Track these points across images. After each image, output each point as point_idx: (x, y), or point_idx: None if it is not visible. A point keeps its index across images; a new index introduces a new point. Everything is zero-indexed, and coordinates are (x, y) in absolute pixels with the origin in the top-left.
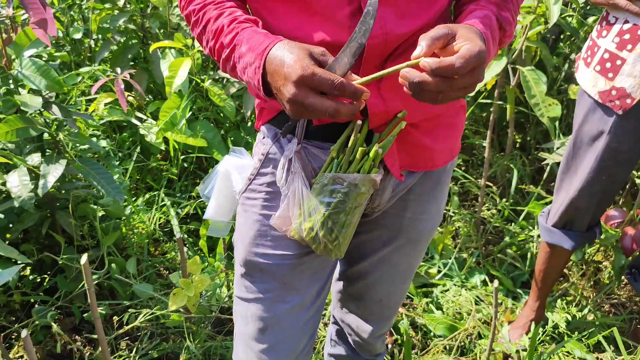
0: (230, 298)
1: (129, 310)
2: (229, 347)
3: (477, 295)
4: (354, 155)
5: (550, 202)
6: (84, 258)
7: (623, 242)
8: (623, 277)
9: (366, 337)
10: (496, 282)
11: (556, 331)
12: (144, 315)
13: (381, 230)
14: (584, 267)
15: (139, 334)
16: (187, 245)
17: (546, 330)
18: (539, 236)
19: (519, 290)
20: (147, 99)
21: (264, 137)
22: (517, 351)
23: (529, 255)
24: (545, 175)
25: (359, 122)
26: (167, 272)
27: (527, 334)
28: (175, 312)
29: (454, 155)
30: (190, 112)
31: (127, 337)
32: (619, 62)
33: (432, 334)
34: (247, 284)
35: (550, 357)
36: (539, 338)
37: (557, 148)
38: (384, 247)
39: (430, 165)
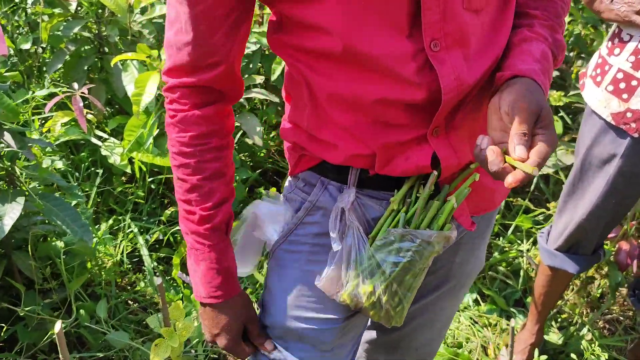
0: None
1: None
2: None
3: (470, 317)
4: (427, 209)
5: (539, 214)
6: (57, 326)
7: (618, 258)
8: (617, 293)
9: None
10: (512, 322)
11: (554, 350)
12: None
13: (430, 276)
14: (577, 283)
15: None
16: (158, 276)
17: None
18: (528, 250)
19: (512, 310)
20: (106, 112)
21: (305, 185)
22: None
23: (521, 272)
24: (532, 187)
25: (435, 172)
26: (139, 307)
27: (527, 358)
28: None
29: (508, 191)
30: (158, 129)
31: None
32: (634, 82)
33: None
34: (277, 350)
35: None
36: None
37: None
38: (431, 293)
39: (491, 206)
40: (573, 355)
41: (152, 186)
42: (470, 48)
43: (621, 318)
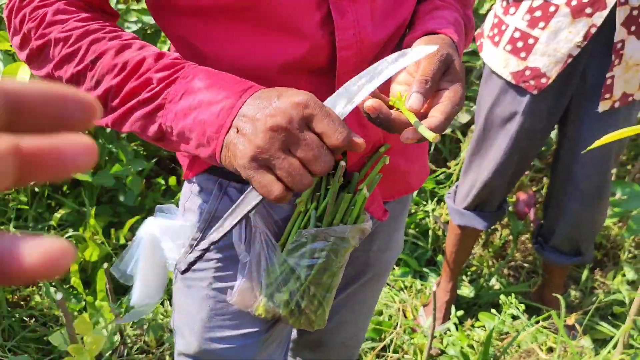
0: (133, 349)
1: None
2: None
3: (387, 282)
4: (340, 204)
5: (441, 175)
6: None
7: (517, 207)
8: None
9: None
10: (434, 287)
11: (467, 304)
12: None
13: (347, 269)
14: (482, 236)
15: None
16: (54, 286)
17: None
18: (434, 210)
19: (425, 270)
20: None
21: (201, 191)
22: (441, 335)
23: (430, 233)
24: (432, 149)
25: (342, 162)
26: (37, 324)
27: (444, 315)
28: None
29: (427, 172)
30: None
31: None
32: (531, 40)
33: None
34: None
35: (470, 333)
36: (454, 315)
37: None
38: (348, 286)
39: (406, 190)
40: (487, 308)
41: (36, 189)
42: (377, 3)
43: (524, 264)
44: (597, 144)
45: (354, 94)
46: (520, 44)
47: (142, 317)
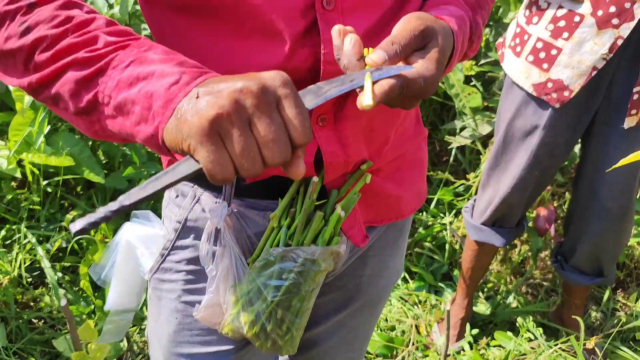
0: (140, 355)
1: None
2: None
3: (400, 296)
4: (310, 223)
5: (460, 187)
6: None
7: (537, 224)
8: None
9: None
10: (447, 305)
11: (482, 321)
12: None
13: (336, 293)
14: (500, 252)
15: None
16: (64, 288)
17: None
18: (451, 223)
19: (440, 284)
20: None
21: (177, 196)
22: (455, 354)
23: (446, 246)
24: (451, 159)
25: (315, 178)
26: (46, 326)
27: (459, 333)
28: None
29: (422, 199)
30: (49, 125)
31: None
32: (554, 51)
33: (372, 355)
34: None
35: (484, 352)
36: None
37: (461, 130)
38: (340, 311)
39: (397, 216)
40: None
41: (49, 189)
42: (373, 20)
43: (543, 282)
44: (622, 162)
45: (323, 92)
46: (542, 55)
47: (122, 334)
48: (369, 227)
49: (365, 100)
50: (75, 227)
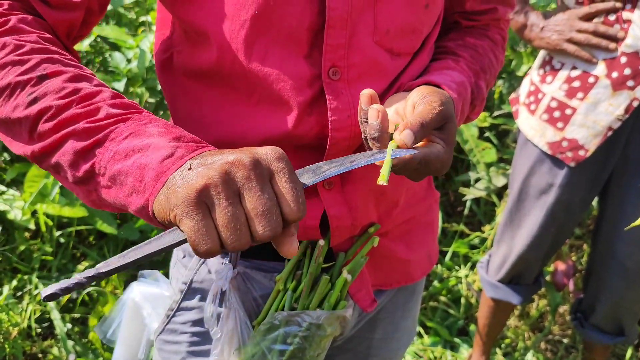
0: None
1: None
2: None
3: (415, 352)
4: (317, 286)
5: (476, 239)
6: None
7: (555, 278)
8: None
9: None
10: None
11: None
12: None
13: (344, 355)
14: (518, 307)
15: None
16: (73, 340)
17: None
18: (467, 276)
19: (456, 339)
20: (1, 160)
21: (184, 256)
22: None
23: (462, 300)
24: (466, 211)
25: (321, 241)
26: None
27: None
28: None
29: (433, 262)
30: None
31: None
32: (568, 111)
33: None
34: None
35: None
36: None
37: (475, 181)
38: None
39: (406, 280)
40: None
41: (61, 239)
42: (377, 89)
43: (562, 339)
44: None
45: (322, 171)
46: (557, 114)
47: None
48: (378, 290)
49: (380, 179)
50: (47, 292)
